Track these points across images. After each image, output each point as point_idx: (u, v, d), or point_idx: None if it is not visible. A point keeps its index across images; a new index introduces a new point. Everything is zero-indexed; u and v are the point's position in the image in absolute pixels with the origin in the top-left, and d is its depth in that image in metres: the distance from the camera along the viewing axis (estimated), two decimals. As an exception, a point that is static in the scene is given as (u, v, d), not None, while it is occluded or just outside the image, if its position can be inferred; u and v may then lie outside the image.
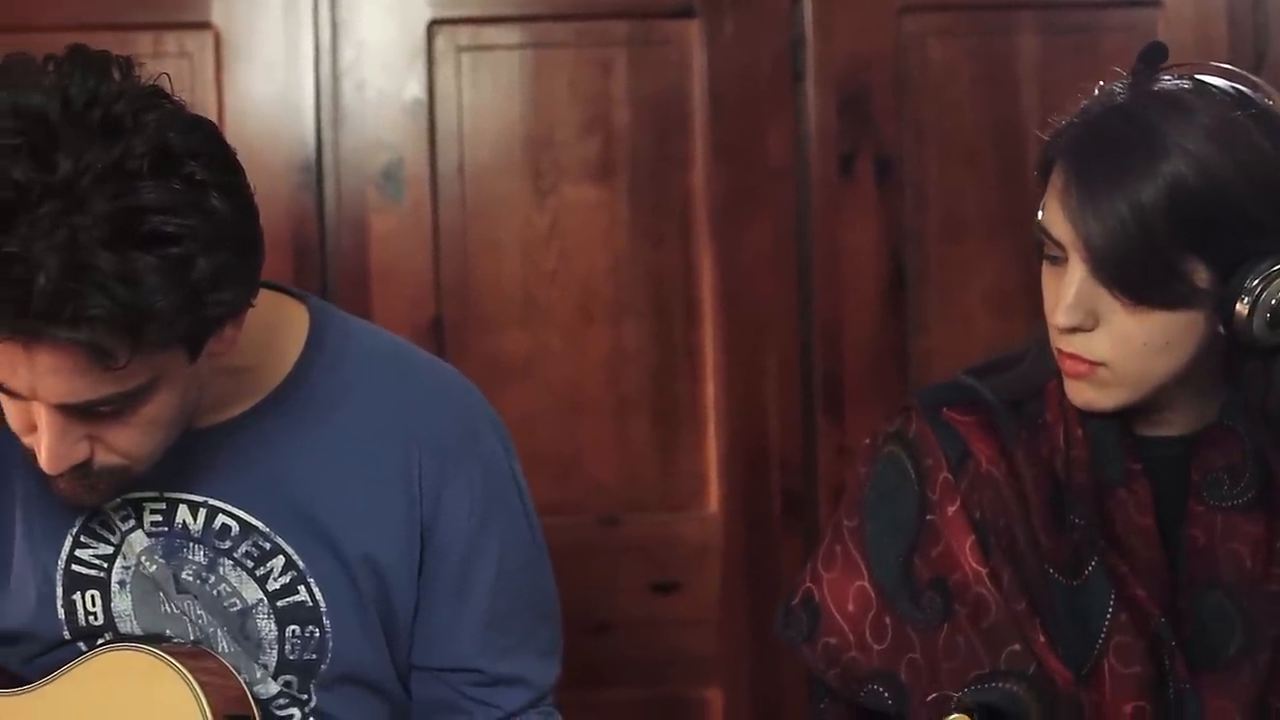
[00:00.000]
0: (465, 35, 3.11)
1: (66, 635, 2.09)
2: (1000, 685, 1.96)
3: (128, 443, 1.93)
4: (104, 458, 1.94)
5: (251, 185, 1.92)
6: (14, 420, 1.94)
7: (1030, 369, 2.07)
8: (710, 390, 3.12)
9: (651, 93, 3.12)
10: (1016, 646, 1.97)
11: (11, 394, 1.89)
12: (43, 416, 1.89)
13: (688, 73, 3.12)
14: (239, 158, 1.92)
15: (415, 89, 3.09)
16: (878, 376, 3.12)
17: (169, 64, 1.94)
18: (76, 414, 1.89)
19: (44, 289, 1.77)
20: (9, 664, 2.12)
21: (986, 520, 2.01)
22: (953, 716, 1.75)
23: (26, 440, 1.94)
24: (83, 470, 1.93)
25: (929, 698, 1.98)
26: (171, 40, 3.07)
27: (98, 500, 2.00)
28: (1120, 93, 1.96)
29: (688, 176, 3.12)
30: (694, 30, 3.12)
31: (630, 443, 3.12)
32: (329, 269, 3.09)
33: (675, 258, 3.12)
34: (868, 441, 2.13)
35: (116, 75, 1.86)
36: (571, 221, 3.11)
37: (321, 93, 3.08)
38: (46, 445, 1.90)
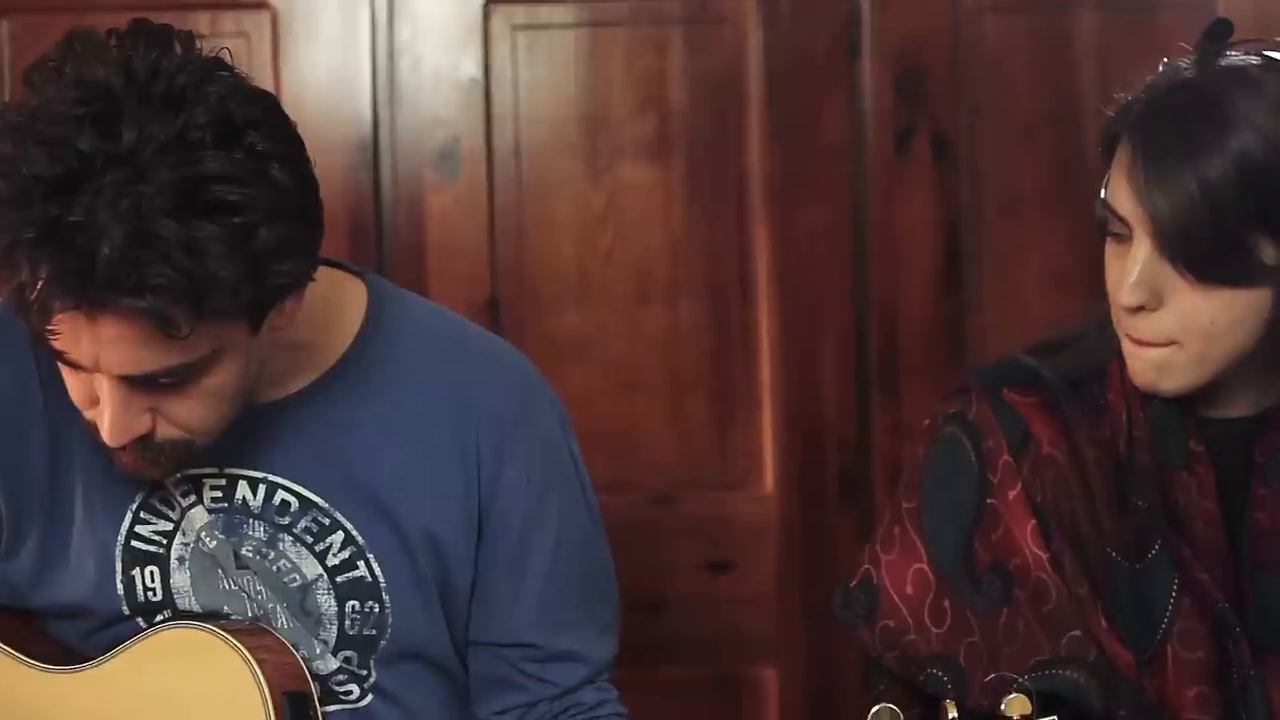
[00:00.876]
0: (521, 14, 3.11)
1: (125, 610, 2.10)
2: (1061, 673, 1.95)
3: (190, 415, 1.94)
4: (166, 431, 1.94)
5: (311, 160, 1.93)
6: (76, 394, 1.95)
7: (1091, 347, 2.06)
8: (766, 369, 3.12)
9: (707, 71, 3.11)
10: (1078, 632, 1.96)
11: (74, 366, 1.90)
12: (105, 388, 1.90)
13: (744, 51, 3.12)
14: (296, 135, 1.93)
15: (471, 68, 3.09)
16: (933, 355, 3.11)
17: (226, 44, 1.94)
18: (139, 386, 1.89)
19: (108, 258, 1.78)
20: (68, 639, 2.13)
21: (1048, 504, 2.00)
22: (1011, 697, 1.74)
23: (88, 414, 1.95)
24: (144, 443, 1.94)
25: (987, 678, 1.97)
26: (229, 20, 3.08)
27: (159, 474, 2.01)
28: (1186, 68, 1.94)
29: (743, 155, 3.11)
30: (750, 8, 3.11)
31: (686, 422, 3.12)
32: (385, 248, 3.10)
33: (731, 237, 3.11)
34: (927, 422, 2.12)
35: (178, 48, 1.87)
36: (627, 201, 3.10)
37: (378, 72, 3.08)
38: (109, 417, 1.90)
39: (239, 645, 2.00)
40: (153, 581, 2.09)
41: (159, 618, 2.09)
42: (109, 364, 1.87)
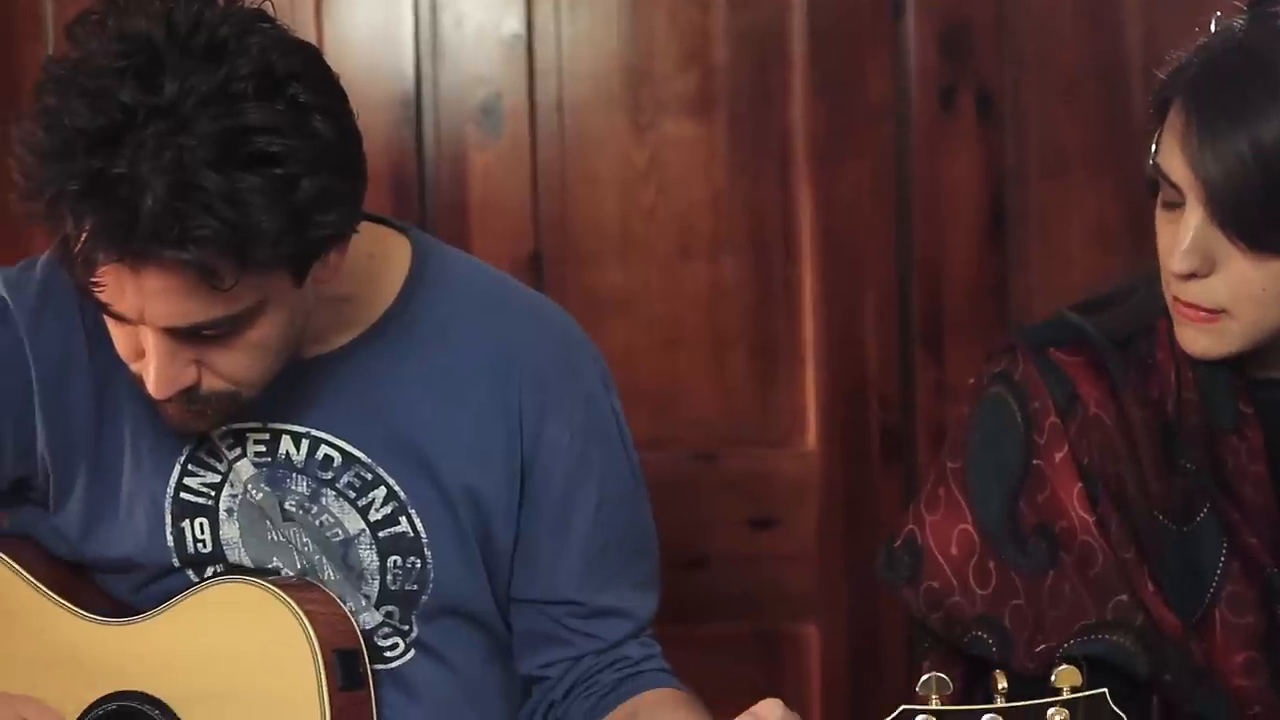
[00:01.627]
0: (563, -32, 3.10)
1: (176, 563, 2.11)
2: (1107, 637, 1.94)
3: (235, 367, 1.94)
4: (211, 383, 1.95)
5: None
6: (122, 346, 1.96)
7: (1138, 305, 2.04)
8: (809, 326, 3.11)
9: (750, 27, 3.10)
10: (1124, 597, 1.95)
11: (119, 318, 1.91)
12: (150, 340, 1.90)
13: (787, 7, 3.10)
14: (338, 91, 1.93)
15: (514, 23, 3.08)
16: (977, 313, 3.10)
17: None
18: (184, 338, 1.90)
19: (151, 210, 1.79)
20: (120, 593, 2.14)
21: (1094, 466, 1.98)
22: (1060, 668, 1.73)
23: (134, 367, 1.96)
24: (190, 396, 1.95)
25: (1036, 649, 1.97)
26: (271, -26, 3.07)
27: (205, 427, 2.02)
28: (1240, 29, 1.92)
29: (787, 112, 3.10)
30: (793, -37, 3.10)
31: (728, 378, 3.12)
32: (428, 204, 3.10)
33: (774, 193, 3.10)
34: (972, 381, 2.11)
35: (220, 1, 1.87)
36: (670, 156, 3.10)
37: (420, 28, 3.08)
38: (154, 369, 1.91)
39: (290, 600, 2.02)
40: (202, 533, 2.10)
41: (209, 570, 2.11)
42: (153, 316, 1.88)
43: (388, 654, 2.13)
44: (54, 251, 1.91)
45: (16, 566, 2.10)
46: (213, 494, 2.10)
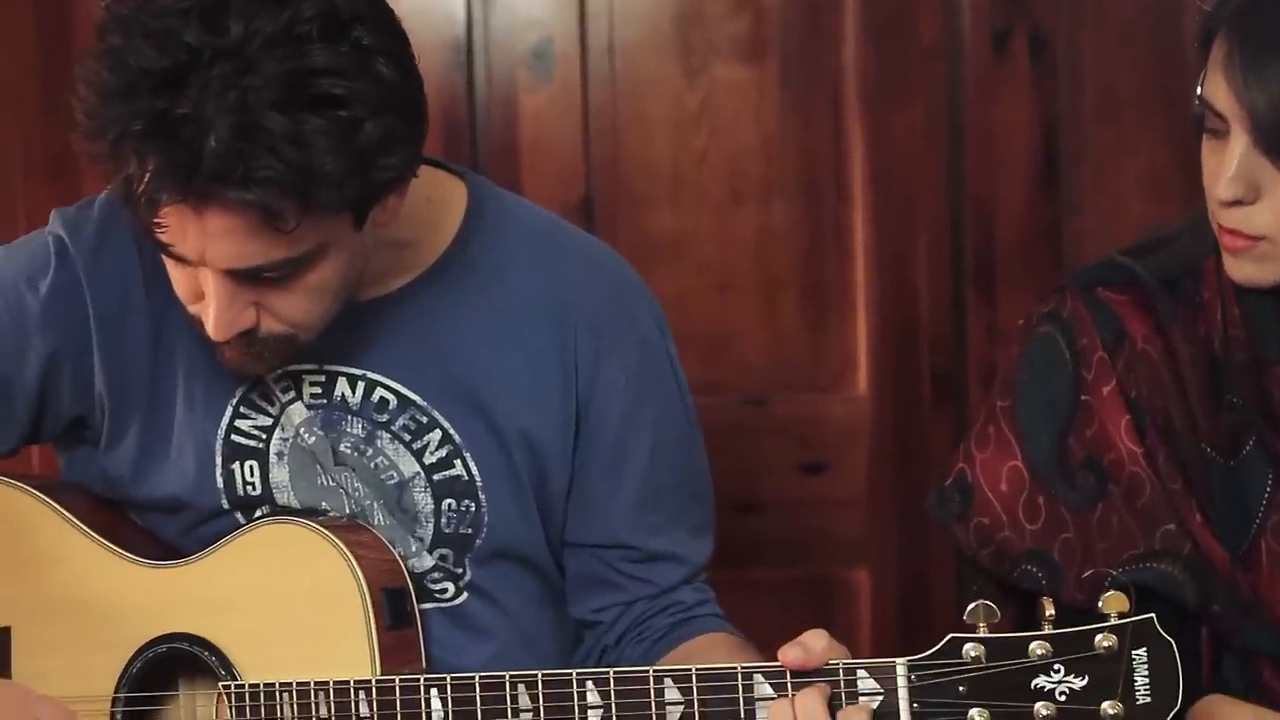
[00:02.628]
0: (615, -90, 3.09)
1: (225, 505, 2.12)
2: (1155, 566, 1.95)
3: (294, 310, 1.95)
4: (270, 325, 1.96)
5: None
6: (181, 288, 1.96)
7: (1186, 246, 2.05)
8: (860, 270, 3.11)
9: (802, -31, 3.09)
10: (1172, 526, 1.96)
11: (180, 260, 1.91)
12: (210, 282, 1.91)
13: (839, -52, 3.09)
14: (394, 33, 1.93)
15: (565, -34, 3.09)
16: (1030, 257, 3.09)
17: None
18: (244, 280, 1.91)
19: (215, 150, 1.79)
20: (167, 535, 2.16)
21: (1142, 399, 1.99)
22: (1108, 594, 1.74)
23: (193, 309, 1.96)
24: (249, 338, 1.95)
25: (1084, 575, 1.97)
26: (323, -80, 3.07)
27: (263, 369, 2.03)
28: (1281, -40, 1.92)
29: (839, 55, 3.09)
30: (845, -95, 3.09)
31: (779, 323, 3.11)
32: (479, 148, 3.10)
33: (825, 137, 3.09)
34: (1021, 322, 2.12)
35: None
36: (721, 100, 3.09)
37: (472, -29, 3.08)
38: (214, 311, 1.92)
39: (338, 541, 2.02)
40: (252, 476, 2.11)
41: (258, 513, 2.12)
42: (215, 257, 1.88)
43: (440, 596, 2.14)
44: (115, 192, 1.92)
45: (65, 512, 2.12)
46: (264, 437, 2.11)
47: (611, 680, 1.90)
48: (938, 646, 1.80)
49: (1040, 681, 1.77)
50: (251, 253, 1.88)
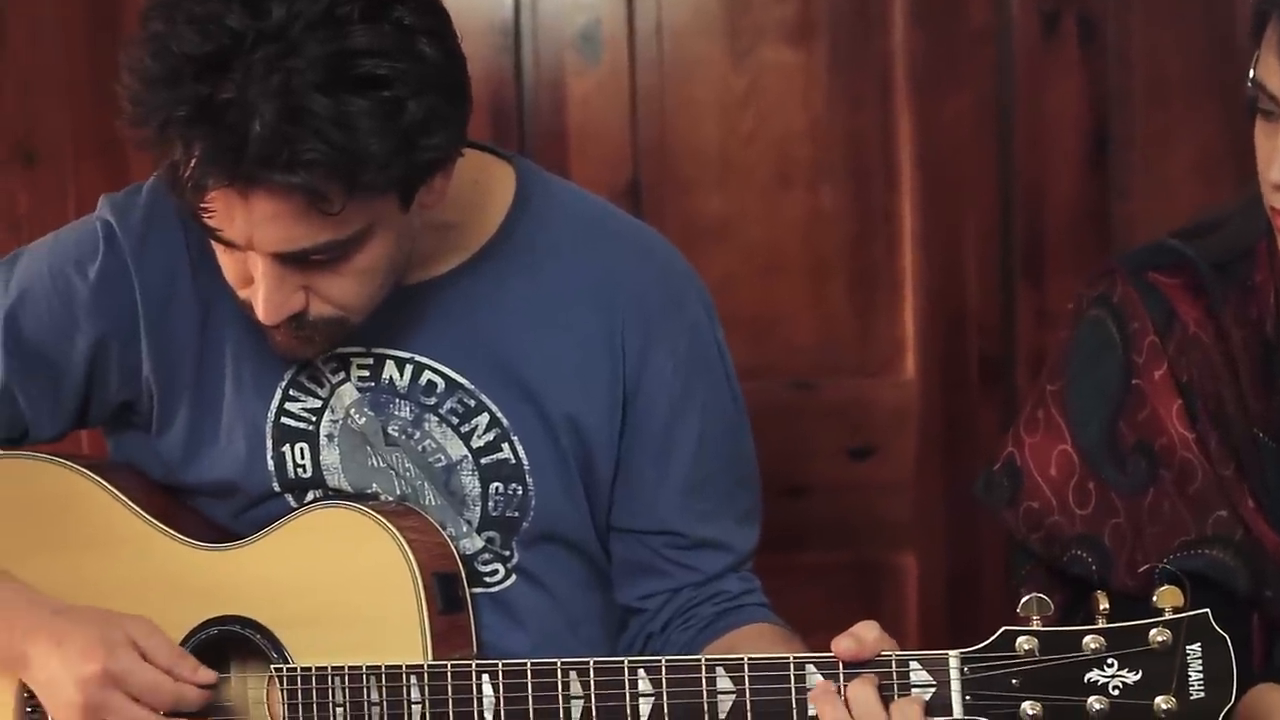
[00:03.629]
0: (663, -107, 3.09)
1: (276, 487, 2.13)
2: (1207, 552, 1.94)
3: (342, 293, 1.95)
4: (319, 309, 1.96)
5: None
6: (230, 273, 1.97)
7: (1238, 229, 2.04)
8: (908, 254, 3.10)
9: (851, -48, 3.08)
10: (1223, 512, 1.95)
11: (228, 244, 1.92)
12: (259, 267, 1.91)
13: (887, -68, 3.08)
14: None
15: (613, -51, 3.08)
16: (1079, 241, 3.08)
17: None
18: (292, 263, 1.91)
19: (260, 134, 1.80)
20: (220, 518, 2.16)
21: (1194, 384, 1.99)
22: (1163, 588, 1.73)
23: (243, 293, 1.97)
24: (298, 322, 1.96)
25: (1138, 570, 1.96)
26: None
27: (313, 353, 2.03)
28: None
29: (887, 38, 3.07)
30: (894, -112, 3.08)
31: (827, 306, 3.11)
32: (527, 132, 3.10)
33: (874, 120, 3.08)
34: (1071, 305, 2.11)
35: None
36: (769, 83, 3.08)
37: (520, -46, 3.08)
38: (263, 295, 1.92)
39: (390, 526, 2.02)
40: (303, 458, 2.12)
41: (309, 495, 2.12)
42: (263, 241, 1.89)
43: (488, 579, 2.14)
44: (162, 177, 1.92)
45: (119, 493, 2.12)
46: (314, 419, 2.12)
47: (663, 669, 1.90)
48: (990, 639, 1.79)
49: (1094, 675, 1.76)
50: (299, 236, 1.88)
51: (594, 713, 1.92)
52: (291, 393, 2.11)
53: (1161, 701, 1.74)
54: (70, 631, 2.00)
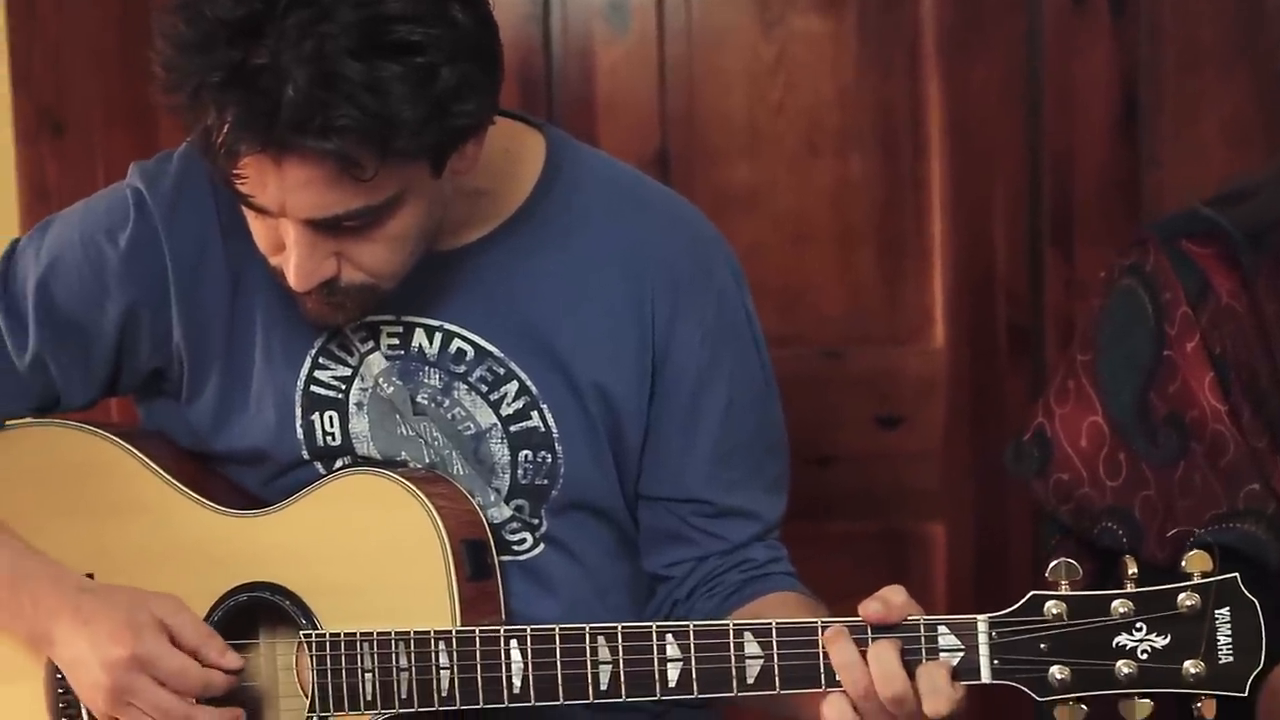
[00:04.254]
0: None
1: (305, 455, 2.13)
2: (1238, 526, 1.94)
3: (374, 260, 1.95)
4: (350, 275, 1.96)
5: None
6: (261, 240, 1.97)
7: (1272, 197, 2.03)
8: (937, 223, 3.09)
9: (878, -81, 3.07)
10: (1256, 486, 1.95)
11: (261, 211, 1.92)
12: (291, 233, 1.92)
13: (916, -101, 3.07)
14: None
15: (642, -84, 3.07)
16: (1109, 210, 3.07)
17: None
18: (324, 230, 1.91)
19: (293, 100, 1.80)
20: (249, 485, 2.17)
21: (1227, 355, 1.98)
22: (1192, 553, 1.73)
23: (274, 260, 1.97)
24: (329, 288, 1.96)
25: (1169, 533, 1.96)
26: None
27: (344, 320, 2.03)
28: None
29: (917, 6, 3.06)
30: None
31: (856, 275, 3.10)
32: (555, 101, 3.09)
33: (903, 89, 3.08)
34: (1103, 274, 2.10)
35: None
36: (798, 52, 3.07)
37: (548, -78, 3.07)
38: (295, 262, 1.92)
39: (418, 492, 2.03)
40: (331, 426, 2.12)
41: (338, 463, 2.13)
42: (295, 207, 1.89)
43: (516, 548, 2.14)
44: (194, 143, 1.92)
45: (148, 460, 2.13)
46: (343, 387, 2.12)
47: (691, 633, 1.90)
48: (1019, 604, 1.79)
49: (1122, 640, 1.76)
50: (331, 202, 1.88)
51: (622, 678, 1.92)
52: (321, 361, 2.11)
53: (1190, 666, 1.74)
54: (97, 612, 2.00)
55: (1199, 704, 1.75)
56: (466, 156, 1.95)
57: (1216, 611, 1.73)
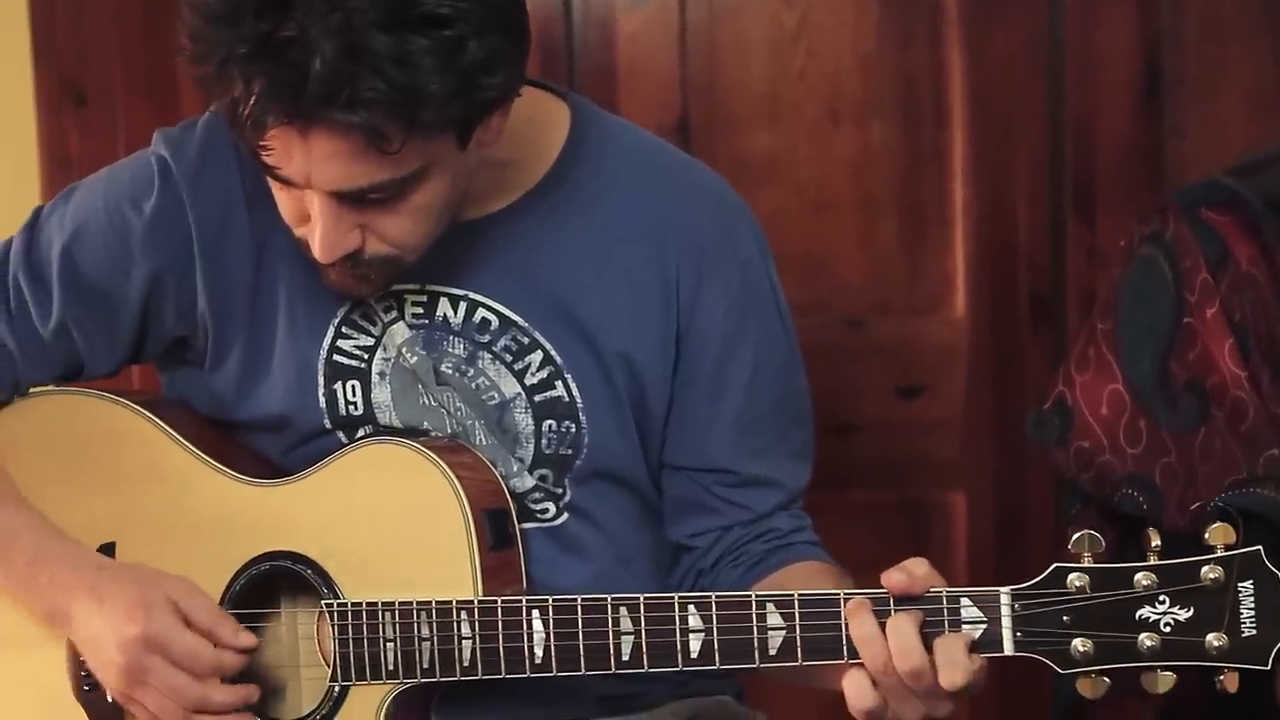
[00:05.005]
0: None
1: (327, 424, 2.13)
2: (1259, 491, 1.94)
3: (398, 232, 1.96)
4: (375, 247, 1.96)
5: None
6: (287, 212, 1.97)
7: (1292, 167, 2.03)
8: (959, 191, 3.08)
9: (901, -112, 3.06)
10: (1275, 451, 1.95)
11: (286, 183, 1.92)
12: (316, 205, 1.92)
13: None
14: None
15: (663, -116, 3.07)
16: (1131, 180, 3.06)
17: None
18: (349, 202, 1.91)
19: (320, 73, 1.80)
20: (271, 454, 2.17)
21: (1247, 322, 1.98)
22: (1215, 525, 1.73)
23: (299, 231, 1.97)
24: (354, 260, 1.96)
25: (1191, 508, 1.96)
26: None
27: (368, 291, 2.04)
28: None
29: (939, -27, 3.07)
30: None
31: (877, 244, 3.10)
32: (575, 69, 3.09)
33: (924, 57, 3.07)
34: (1123, 243, 2.10)
35: None
36: (820, 19, 3.07)
37: (569, -110, 3.07)
38: (320, 234, 1.93)
39: (440, 462, 2.03)
40: (354, 395, 2.13)
41: (360, 432, 2.13)
42: (321, 180, 1.89)
43: (540, 516, 2.15)
44: (221, 114, 1.92)
45: (170, 429, 2.13)
46: (365, 357, 2.12)
47: (714, 604, 1.91)
48: (1042, 576, 1.79)
49: (1145, 613, 1.76)
50: (357, 174, 1.88)
51: (644, 648, 1.92)
52: (344, 330, 2.12)
53: (1213, 639, 1.74)
54: (112, 591, 2.01)
55: (1221, 677, 1.75)
56: (492, 128, 1.95)
57: (1240, 584, 1.73)
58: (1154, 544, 1.74)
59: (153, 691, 2.00)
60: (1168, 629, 1.75)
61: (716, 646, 1.91)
